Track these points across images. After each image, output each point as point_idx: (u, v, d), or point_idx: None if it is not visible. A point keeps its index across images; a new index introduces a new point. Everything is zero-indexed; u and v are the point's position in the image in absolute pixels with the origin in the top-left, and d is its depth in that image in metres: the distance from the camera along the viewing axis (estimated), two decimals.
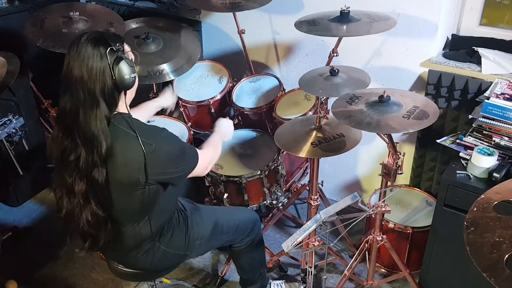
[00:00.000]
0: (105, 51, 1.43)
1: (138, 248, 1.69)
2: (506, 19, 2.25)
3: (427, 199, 2.44)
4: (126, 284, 2.42)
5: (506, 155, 1.87)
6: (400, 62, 2.37)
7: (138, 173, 1.47)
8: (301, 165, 2.61)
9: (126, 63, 1.47)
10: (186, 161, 1.64)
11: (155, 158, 1.48)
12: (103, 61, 1.43)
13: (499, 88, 1.97)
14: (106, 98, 1.46)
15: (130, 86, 1.51)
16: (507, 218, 1.16)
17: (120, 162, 1.48)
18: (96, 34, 1.48)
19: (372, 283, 2.30)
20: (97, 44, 1.44)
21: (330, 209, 1.74)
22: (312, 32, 2.05)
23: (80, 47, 1.44)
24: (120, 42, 1.50)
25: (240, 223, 1.98)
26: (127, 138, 1.47)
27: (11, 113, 2.73)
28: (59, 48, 2.27)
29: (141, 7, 3.06)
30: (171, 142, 1.58)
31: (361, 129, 1.72)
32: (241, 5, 2.36)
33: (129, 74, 1.47)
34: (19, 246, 2.69)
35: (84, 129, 1.44)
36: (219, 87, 2.59)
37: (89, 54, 1.43)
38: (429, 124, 1.65)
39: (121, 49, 1.48)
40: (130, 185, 1.51)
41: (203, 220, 1.87)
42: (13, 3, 2.86)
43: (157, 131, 1.55)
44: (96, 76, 1.43)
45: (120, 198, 1.55)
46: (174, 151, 1.58)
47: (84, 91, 1.43)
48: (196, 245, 1.84)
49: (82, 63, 1.43)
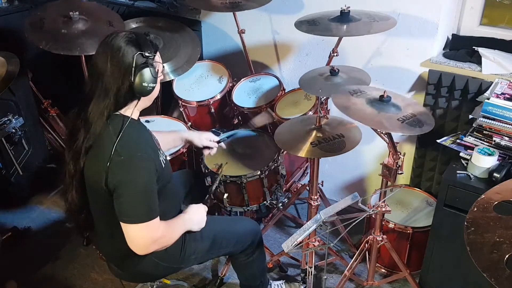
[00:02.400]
0: (134, 54, 1.45)
1: (129, 257, 1.62)
2: (506, 19, 2.25)
3: (427, 199, 2.44)
4: (126, 284, 2.41)
5: (506, 155, 1.87)
6: (400, 62, 2.37)
7: (100, 177, 1.48)
8: (301, 165, 2.61)
9: (149, 71, 1.48)
10: (141, 200, 1.49)
11: (118, 169, 1.46)
12: (129, 62, 1.46)
13: (499, 88, 1.97)
14: (117, 97, 1.48)
15: (145, 94, 1.52)
16: (507, 218, 1.16)
17: (91, 160, 1.52)
18: (132, 35, 1.50)
19: (372, 283, 2.30)
20: (129, 44, 1.47)
21: (330, 209, 1.74)
22: (312, 32, 2.05)
23: (114, 41, 1.47)
24: (153, 51, 1.51)
25: (240, 236, 1.92)
26: (107, 139, 1.49)
27: (11, 113, 2.74)
28: (63, 50, 2.26)
29: (141, 6, 3.06)
30: (143, 167, 1.49)
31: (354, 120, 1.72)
32: (241, 5, 2.36)
33: (148, 82, 1.48)
34: (19, 246, 2.69)
35: (87, 116, 1.49)
36: (219, 87, 2.59)
37: (119, 51, 1.46)
38: (420, 133, 1.66)
39: (151, 57, 1.49)
40: (94, 185, 1.53)
41: (202, 236, 1.79)
42: (13, 3, 2.87)
43: (136, 150, 1.50)
44: (117, 73, 1.46)
45: (92, 199, 1.60)
46: (138, 176, 1.48)
47: (102, 82, 1.47)
48: (192, 259, 1.79)
49: (108, 57, 1.46)
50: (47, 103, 2.87)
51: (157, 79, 1.53)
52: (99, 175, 1.48)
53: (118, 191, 1.47)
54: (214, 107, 2.54)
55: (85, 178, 1.56)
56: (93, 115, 1.49)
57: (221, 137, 2.40)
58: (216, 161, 2.25)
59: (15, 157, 2.82)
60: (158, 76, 1.54)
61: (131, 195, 1.48)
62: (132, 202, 1.48)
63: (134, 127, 1.56)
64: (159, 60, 1.56)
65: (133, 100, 1.54)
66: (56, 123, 3.05)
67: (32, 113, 2.91)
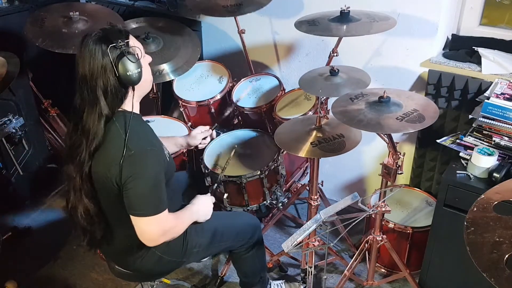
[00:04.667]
0: (106, 48, 1.45)
1: (132, 253, 1.68)
2: (506, 19, 2.25)
3: (427, 199, 2.44)
4: (126, 284, 2.42)
5: (506, 155, 1.87)
6: (400, 62, 2.37)
7: (111, 174, 1.48)
8: (301, 165, 2.61)
9: (127, 59, 1.47)
10: (152, 193, 1.51)
11: (130, 164, 1.47)
12: (104, 58, 1.45)
13: (499, 88, 1.97)
14: (107, 96, 1.48)
15: (136, 82, 1.51)
16: (507, 218, 1.16)
17: (101, 158, 1.51)
18: (99, 33, 1.50)
19: (372, 283, 2.30)
20: (98, 42, 1.46)
21: (330, 209, 1.74)
22: (312, 32, 2.05)
23: (84, 46, 1.47)
24: (123, 38, 1.50)
25: (240, 230, 1.95)
26: (116, 136, 1.49)
27: (11, 113, 2.74)
28: (58, 48, 2.27)
29: (141, 7, 3.06)
30: (153, 161, 1.52)
31: (351, 126, 1.72)
32: (242, 7, 2.36)
33: (132, 70, 1.48)
34: (19, 246, 2.69)
35: (84, 125, 1.49)
36: (219, 87, 2.59)
37: (91, 53, 1.45)
38: (421, 128, 1.64)
39: (124, 45, 1.48)
40: (105, 184, 1.52)
41: (202, 228, 1.82)
42: (13, 3, 2.87)
43: (146, 143, 1.53)
44: (98, 74, 1.45)
45: (103, 196, 1.58)
46: (148, 169, 1.50)
47: (88, 88, 1.47)
48: (194, 253, 1.82)
49: (85, 61, 1.46)
50: (47, 103, 2.87)
51: (139, 62, 1.51)
52: (110, 172, 1.48)
53: (129, 184, 1.47)
54: (214, 107, 2.54)
55: (95, 177, 1.55)
56: (89, 125, 1.48)
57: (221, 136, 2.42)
58: (218, 161, 2.26)
59: (15, 157, 2.83)
60: (139, 58, 1.52)
61: (142, 188, 1.49)
62: (144, 195, 1.50)
63: (137, 121, 1.58)
64: (134, 44, 1.54)
65: (128, 93, 1.54)
66: (56, 123, 3.05)
67: (32, 113, 2.91)
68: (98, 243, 1.69)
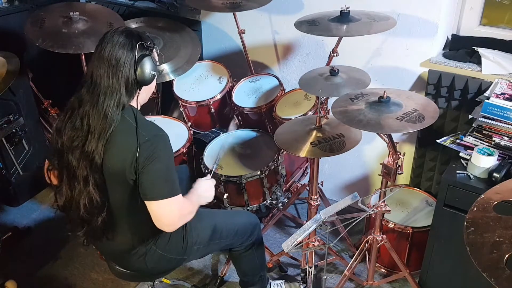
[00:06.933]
0: (136, 43, 1.53)
1: (133, 252, 1.69)
2: (506, 19, 2.25)
3: (427, 199, 2.44)
4: (126, 284, 2.42)
5: (506, 155, 1.87)
6: (400, 62, 2.37)
7: (127, 164, 1.50)
8: (301, 165, 2.61)
9: (151, 59, 1.56)
10: (168, 176, 1.55)
11: (145, 149, 1.50)
12: (132, 52, 1.52)
13: (499, 88, 1.97)
14: (128, 86, 1.54)
15: (148, 82, 1.58)
16: (507, 218, 1.16)
17: (115, 150, 1.53)
18: (132, 29, 1.60)
19: (372, 283, 2.30)
20: (130, 36, 1.55)
21: (330, 209, 1.74)
22: (312, 32, 2.05)
23: (115, 35, 1.54)
24: (151, 42, 1.60)
25: (240, 227, 1.96)
26: (127, 127, 1.53)
27: (11, 113, 2.74)
28: (58, 48, 2.27)
29: (141, 7, 3.06)
30: (166, 144, 1.57)
31: (351, 126, 1.73)
32: (241, 5, 2.36)
33: (150, 70, 1.56)
34: (19, 246, 2.69)
35: (100, 111, 1.51)
36: (219, 87, 2.59)
37: (122, 43, 1.52)
38: (421, 128, 1.65)
39: (151, 48, 1.58)
40: (119, 177, 1.53)
41: (202, 225, 1.83)
42: (13, 3, 2.86)
43: (157, 129, 1.58)
44: (123, 63, 1.51)
45: (112, 187, 1.59)
46: (163, 151, 1.55)
47: (109, 75, 1.51)
48: (194, 250, 1.83)
49: (113, 48, 1.52)
50: (48, 103, 2.86)
51: (157, 67, 1.61)
52: (126, 162, 1.50)
53: (145, 168, 1.50)
54: (214, 107, 2.54)
55: (106, 169, 1.55)
56: (108, 109, 1.51)
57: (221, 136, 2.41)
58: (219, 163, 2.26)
59: (16, 157, 2.83)
60: (157, 64, 1.62)
61: (159, 170, 1.52)
62: (161, 177, 1.54)
63: (142, 116, 1.63)
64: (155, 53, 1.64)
65: (136, 91, 1.59)
66: None
67: (32, 113, 2.91)
68: (97, 236, 1.67)
